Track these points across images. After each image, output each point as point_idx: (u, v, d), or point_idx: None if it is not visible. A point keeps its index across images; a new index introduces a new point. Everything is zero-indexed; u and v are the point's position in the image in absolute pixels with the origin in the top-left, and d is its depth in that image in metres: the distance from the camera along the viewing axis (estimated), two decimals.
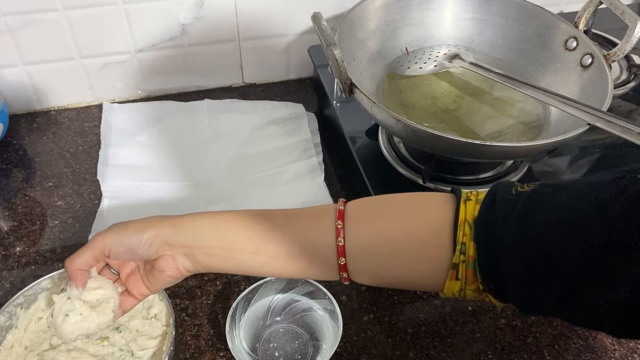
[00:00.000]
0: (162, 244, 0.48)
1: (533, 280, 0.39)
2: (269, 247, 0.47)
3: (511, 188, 0.42)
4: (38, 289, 0.56)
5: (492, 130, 0.68)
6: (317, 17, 0.62)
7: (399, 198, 0.48)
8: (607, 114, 0.54)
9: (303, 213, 0.49)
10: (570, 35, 0.70)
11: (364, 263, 0.46)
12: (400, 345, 0.59)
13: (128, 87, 0.86)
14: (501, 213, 0.41)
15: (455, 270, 0.43)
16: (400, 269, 0.46)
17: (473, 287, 0.43)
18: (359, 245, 0.46)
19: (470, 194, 0.44)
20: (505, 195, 0.41)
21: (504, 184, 0.43)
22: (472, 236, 0.42)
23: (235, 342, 0.55)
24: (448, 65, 0.72)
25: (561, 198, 0.39)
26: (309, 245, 0.47)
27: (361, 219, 0.46)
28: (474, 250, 0.42)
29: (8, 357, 0.53)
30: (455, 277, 0.43)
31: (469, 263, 0.42)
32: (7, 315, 0.54)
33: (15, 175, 0.76)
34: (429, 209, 0.45)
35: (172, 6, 0.79)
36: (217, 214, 0.50)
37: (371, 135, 0.73)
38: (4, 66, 0.79)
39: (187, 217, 0.50)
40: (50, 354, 0.53)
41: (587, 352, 0.58)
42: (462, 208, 0.43)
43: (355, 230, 0.46)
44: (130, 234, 0.48)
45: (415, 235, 0.45)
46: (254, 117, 0.84)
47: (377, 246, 0.46)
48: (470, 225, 0.42)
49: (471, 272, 0.42)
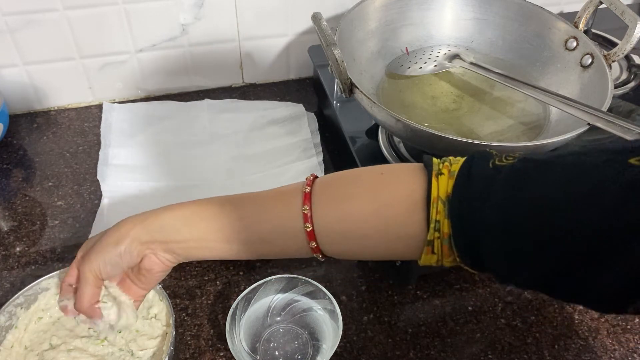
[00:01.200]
0: (139, 246, 0.48)
1: (517, 261, 0.38)
2: (242, 236, 0.47)
3: (488, 161, 0.40)
4: (38, 289, 0.56)
5: (492, 130, 0.68)
6: (317, 17, 0.62)
7: (368, 175, 0.46)
8: (607, 114, 0.54)
9: (271, 197, 0.48)
10: (570, 35, 0.70)
11: (336, 245, 0.46)
12: (400, 345, 0.59)
13: (128, 87, 0.86)
14: (478, 190, 0.39)
15: (430, 247, 0.42)
16: (374, 248, 0.46)
17: (450, 260, 0.43)
18: (330, 229, 0.45)
19: (442, 167, 0.42)
20: (482, 171, 0.40)
21: (480, 156, 0.41)
22: (446, 213, 0.40)
23: (235, 342, 0.55)
24: (448, 65, 0.72)
25: (548, 178, 0.37)
26: (282, 231, 0.47)
27: (330, 201, 0.45)
28: (448, 227, 0.41)
29: (8, 357, 0.53)
30: (431, 252, 0.42)
31: (444, 239, 0.41)
32: (7, 315, 0.54)
33: (15, 175, 0.76)
34: (400, 187, 0.44)
35: (172, 6, 0.79)
36: (184, 207, 0.50)
37: (371, 135, 0.73)
38: (4, 66, 0.79)
39: (156, 213, 0.50)
40: (50, 353, 0.53)
41: (587, 352, 0.58)
42: (434, 184, 0.41)
43: (324, 215, 0.45)
44: (108, 250, 0.48)
45: (387, 216, 0.43)
46: (254, 117, 0.84)
47: (348, 230, 0.45)
48: (443, 202, 0.41)
49: (447, 247, 0.42)
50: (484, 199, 0.39)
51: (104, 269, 0.49)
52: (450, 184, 0.41)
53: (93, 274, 0.49)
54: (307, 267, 0.65)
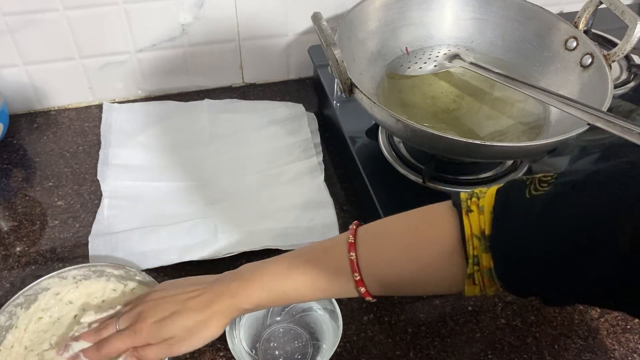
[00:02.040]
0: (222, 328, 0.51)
1: (561, 280, 0.39)
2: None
3: (524, 191, 0.41)
4: (38, 289, 0.56)
5: (492, 130, 0.68)
6: (317, 17, 0.62)
7: (405, 232, 0.48)
8: (607, 114, 0.54)
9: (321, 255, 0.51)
10: (570, 35, 0.70)
11: (386, 292, 0.50)
12: (400, 345, 0.59)
13: (128, 87, 0.86)
14: (518, 221, 0.41)
15: (471, 279, 0.44)
16: (421, 291, 0.54)
17: (493, 289, 0.44)
18: (378, 285, 0.48)
19: (470, 203, 0.44)
20: (519, 202, 0.41)
21: (514, 188, 0.43)
22: (483, 248, 0.42)
23: (235, 342, 0.55)
24: (448, 65, 0.72)
25: (582, 199, 0.38)
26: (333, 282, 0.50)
27: (375, 264, 0.48)
28: (488, 261, 0.42)
29: (8, 357, 0.53)
30: (473, 283, 0.44)
31: (484, 272, 0.43)
32: (7, 315, 0.54)
33: (15, 175, 0.76)
34: (436, 237, 0.46)
35: (172, 6, 0.79)
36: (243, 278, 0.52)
37: (371, 135, 0.73)
38: (4, 66, 0.79)
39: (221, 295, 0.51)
40: (50, 353, 0.53)
41: (587, 352, 0.58)
42: (465, 223, 0.43)
43: (371, 275, 0.48)
44: (206, 339, 0.51)
45: (429, 268, 0.46)
46: (254, 117, 0.84)
47: (395, 283, 0.48)
48: (478, 237, 0.43)
49: (487, 279, 0.43)
50: (524, 227, 0.40)
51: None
52: (482, 219, 0.43)
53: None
54: None
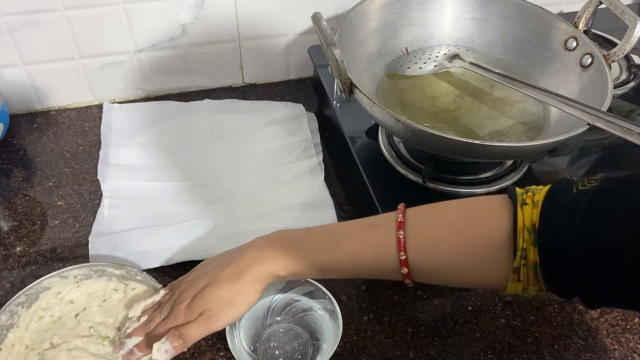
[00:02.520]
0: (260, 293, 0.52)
1: (602, 280, 0.39)
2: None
3: (572, 187, 0.42)
4: (39, 288, 0.56)
5: (492, 130, 0.68)
6: (317, 17, 0.62)
7: (456, 216, 0.48)
8: (607, 114, 0.54)
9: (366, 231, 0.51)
10: (570, 35, 0.70)
11: (427, 278, 0.50)
12: (400, 345, 0.59)
13: (128, 87, 0.86)
14: (564, 216, 0.41)
15: (516, 274, 0.44)
16: (464, 281, 0.51)
17: (536, 287, 0.44)
18: (423, 268, 0.48)
19: (525, 197, 0.44)
20: (567, 196, 0.42)
21: (563, 184, 0.43)
22: (532, 241, 0.42)
23: (235, 342, 0.55)
24: (448, 65, 0.72)
25: (629, 195, 0.38)
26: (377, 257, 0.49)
27: (423, 247, 0.48)
28: (534, 255, 0.42)
29: (9, 356, 0.53)
30: (518, 279, 0.44)
31: (530, 266, 0.43)
32: (8, 314, 0.54)
33: (15, 175, 0.76)
34: (488, 225, 0.46)
35: (172, 6, 0.79)
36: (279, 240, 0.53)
37: (371, 135, 0.73)
38: (4, 66, 0.79)
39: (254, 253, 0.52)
40: (51, 352, 0.53)
41: (587, 352, 0.58)
42: (519, 215, 0.43)
43: (417, 258, 0.47)
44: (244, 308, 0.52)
45: (476, 255, 0.46)
46: (254, 117, 0.84)
47: (440, 269, 0.48)
48: (529, 230, 0.43)
49: (532, 274, 0.43)
50: (570, 221, 0.40)
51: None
52: (535, 213, 0.43)
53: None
54: None
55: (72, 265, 0.58)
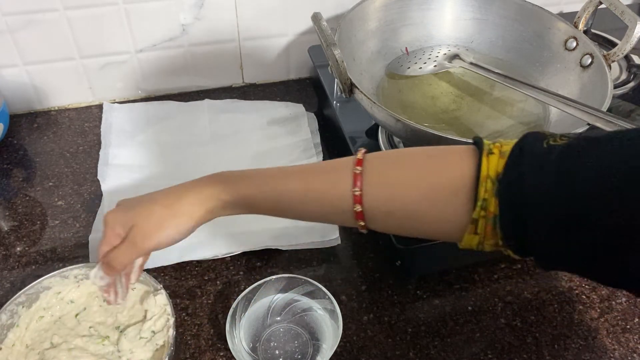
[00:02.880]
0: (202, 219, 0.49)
1: (563, 240, 0.38)
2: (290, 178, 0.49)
3: (542, 141, 0.40)
4: (40, 288, 0.56)
5: (492, 130, 0.68)
6: (317, 17, 0.62)
7: (417, 158, 0.46)
8: (607, 114, 0.54)
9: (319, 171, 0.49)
10: (570, 35, 0.70)
11: (381, 222, 0.47)
12: (400, 345, 0.59)
13: (128, 87, 0.86)
14: (530, 169, 0.39)
15: (474, 225, 0.42)
16: (418, 228, 0.47)
17: (492, 242, 0.42)
18: (378, 210, 0.45)
19: (493, 147, 0.42)
20: (535, 150, 0.40)
21: (534, 136, 0.41)
22: (494, 192, 0.40)
23: (235, 342, 0.55)
24: (448, 65, 0.72)
25: (605, 152, 0.36)
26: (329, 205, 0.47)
27: (380, 184, 0.45)
28: (495, 206, 0.40)
29: (9, 355, 0.53)
30: (474, 232, 0.42)
31: (488, 219, 0.41)
32: (8, 314, 0.54)
33: (15, 175, 0.76)
34: (450, 168, 0.44)
35: (172, 6, 0.79)
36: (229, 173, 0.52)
37: (371, 135, 0.73)
38: (4, 66, 0.79)
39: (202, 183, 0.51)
40: (51, 352, 0.53)
41: (587, 352, 0.58)
42: (484, 163, 0.41)
43: (374, 198, 0.45)
44: (172, 234, 0.49)
45: (435, 198, 0.44)
46: (254, 117, 0.84)
47: (396, 210, 0.45)
48: (492, 180, 0.41)
49: (490, 227, 0.41)
50: (535, 174, 0.38)
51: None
52: (501, 163, 0.41)
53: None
54: (307, 267, 0.65)
55: (72, 265, 0.58)
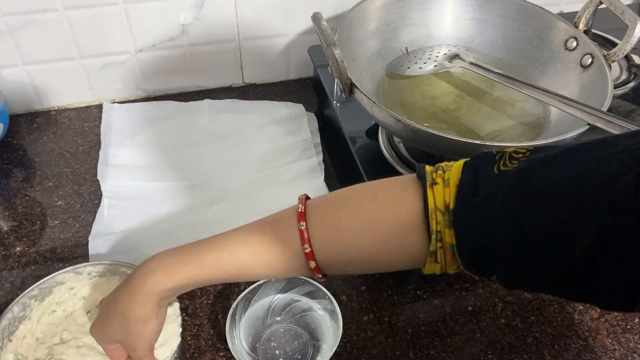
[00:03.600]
0: (161, 322, 0.49)
1: (525, 262, 0.38)
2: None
3: (492, 166, 0.39)
4: (53, 282, 0.56)
5: (492, 130, 0.68)
6: (317, 17, 0.62)
7: (362, 201, 0.45)
8: (607, 114, 0.54)
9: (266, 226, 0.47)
10: (570, 35, 0.70)
11: (338, 269, 0.46)
12: (400, 345, 0.59)
13: (128, 87, 0.86)
14: (484, 197, 0.39)
15: (433, 257, 0.42)
16: (377, 268, 0.47)
17: (454, 267, 0.43)
18: (332, 259, 0.44)
19: (435, 176, 0.42)
20: (487, 177, 0.39)
21: (483, 161, 0.41)
22: (446, 223, 0.40)
23: (235, 342, 0.55)
24: (448, 65, 0.72)
25: (554, 174, 0.36)
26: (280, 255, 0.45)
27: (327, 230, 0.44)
28: (451, 237, 0.40)
29: (19, 347, 0.53)
30: (435, 261, 0.42)
31: (446, 248, 0.41)
32: (21, 307, 0.54)
33: (15, 175, 0.76)
34: (396, 208, 0.43)
35: (172, 6, 0.79)
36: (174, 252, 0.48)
37: (371, 135, 0.73)
38: (4, 66, 0.79)
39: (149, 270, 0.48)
40: (59, 348, 0.53)
41: (587, 352, 0.58)
42: (429, 196, 0.41)
43: (323, 247, 0.44)
44: (148, 335, 0.48)
45: (388, 241, 0.43)
46: (254, 117, 0.84)
47: (351, 258, 0.44)
48: (442, 212, 0.40)
49: (450, 255, 0.41)
50: (490, 206, 0.38)
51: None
52: (447, 192, 0.40)
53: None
54: None
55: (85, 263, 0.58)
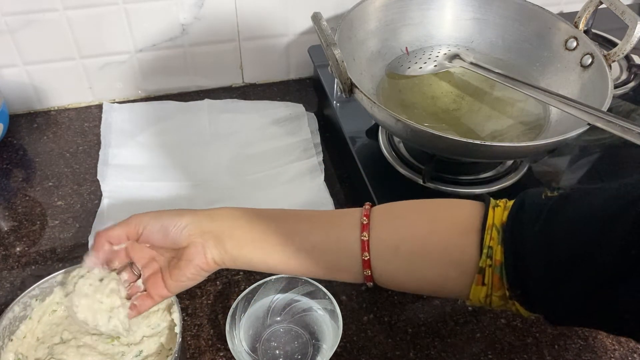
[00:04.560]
0: (195, 230, 0.48)
1: (558, 281, 0.39)
2: (296, 239, 0.48)
3: (541, 194, 0.42)
4: (54, 282, 0.56)
5: (492, 130, 0.68)
6: (317, 17, 0.62)
7: (425, 201, 0.48)
8: (607, 114, 0.54)
9: (329, 212, 0.51)
10: (570, 35, 0.70)
11: (387, 262, 0.46)
12: (400, 345, 0.59)
13: (128, 87, 0.86)
14: (529, 216, 0.41)
15: (481, 275, 0.42)
16: (424, 270, 0.46)
17: (499, 294, 0.43)
18: (384, 242, 0.46)
19: (499, 202, 0.44)
20: (534, 200, 0.42)
21: (534, 191, 0.43)
22: (499, 240, 0.42)
23: (235, 342, 0.55)
24: (448, 65, 0.72)
25: (590, 199, 0.39)
26: (335, 239, 0.47)
27: (387, 218, 0.47)
28: (501, 255, 0.41)
29: (19, 347, 0.53)
30: (482, 282, 0.43)
31: (495, 267, 0.42)
32: (22, 306, 0.54)
33: (15, 175, 0.76)
34: (457, 212, 0.46)
35: (172, 6, 0.79)
36: (248, 209, 0.51)
37: (371, 135, 0.73)
38: (4, 66, 0.79)
39: (222, 209, 0.51)
40: (60, 348, 0.53)
41: (587, 352, 0.58)
42: (490, 213, 0.43)
43: (380, 228, 0.46)
44: (167, 216, 0.49)
45: (441, 235, 0.45)
46: (254, 117, 0.84)
47: (402, 243, 0.45)
48: (497, 229, 0.42)
49: (498, 277, 0.42)
50: (534, 220, 0.40)
51: (151, 227, 0.49)
52: (505, 214, 0.43)
53: (136, 223, 0.49)
54: None
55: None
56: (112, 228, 0.50)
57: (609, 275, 0.36)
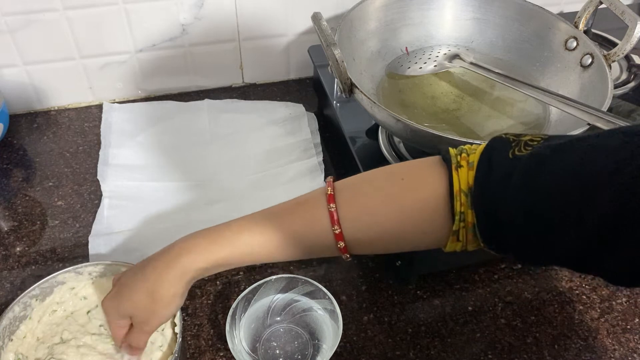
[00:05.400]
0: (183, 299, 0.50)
1: (537, 245, 0.40)
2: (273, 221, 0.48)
3: (507, 151, 0.41)
4: (54, 282, 0.56)
5: (492, 130, 0.68)
6: (317, 17, 0.62)
7: (389, 182, 0.47)
8: (607, 114, 0.54)
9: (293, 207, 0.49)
10: (570, 35, 0.70)
11: (365, 249, 0.48)
12: (400, 345, 0.59)
13: (128, 87, 0.86)
14: (499, 179, 0.41)
15: (455, 236, 0.44)
16: (403, 246, 0.48)
17: (474, 245, 0.45)
18: (360, 239, 0.47)
19: (460, 159, 0.44)
20: (502, 161, 0.41)
21: (499, 146, 0.42)
22: (468, 204, 0.42)
23: (235, 342, 0.55)
24: (448, 65, 0.72)
25: (563, 162, 0.38)
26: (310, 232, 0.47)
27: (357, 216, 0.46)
28: (472, 217, 0.43)
29: (20, 347, 0.53)
30: (457, 240, 0.44)
31: (468, 228, 0.43)
32: (22, 306, 0.54)
33: (15, 175, 0.76)
34: (423, 188, 0.45)
35: (172, 6, 0.79)
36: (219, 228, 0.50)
37: (371, 135, 0.73)
38: (4, 66, 0.79)
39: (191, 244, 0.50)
40: (60, 347, 0.53)
41: (587, 352, 0.58)
42: (455, 178, 0.43)
43: (352, 228, 0.46)
44: (166, 314, 0.50)
45: (415, 219, 0.45)
46: (254, 117, 0.84)
47: (378, 236, 0.47)
48: (465, 193, 0.42)
49: (471, 235, 0.44)
50: (505, 188, 0.40)
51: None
52: (471, 175, 0.42)
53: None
54: (307, 267, 0.65)
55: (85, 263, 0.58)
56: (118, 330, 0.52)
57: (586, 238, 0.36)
